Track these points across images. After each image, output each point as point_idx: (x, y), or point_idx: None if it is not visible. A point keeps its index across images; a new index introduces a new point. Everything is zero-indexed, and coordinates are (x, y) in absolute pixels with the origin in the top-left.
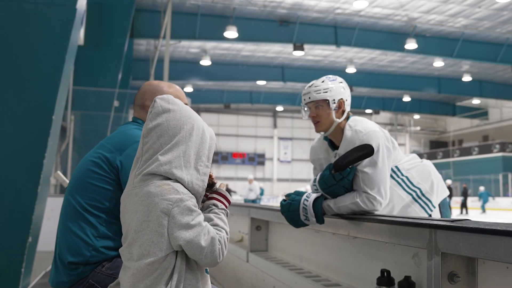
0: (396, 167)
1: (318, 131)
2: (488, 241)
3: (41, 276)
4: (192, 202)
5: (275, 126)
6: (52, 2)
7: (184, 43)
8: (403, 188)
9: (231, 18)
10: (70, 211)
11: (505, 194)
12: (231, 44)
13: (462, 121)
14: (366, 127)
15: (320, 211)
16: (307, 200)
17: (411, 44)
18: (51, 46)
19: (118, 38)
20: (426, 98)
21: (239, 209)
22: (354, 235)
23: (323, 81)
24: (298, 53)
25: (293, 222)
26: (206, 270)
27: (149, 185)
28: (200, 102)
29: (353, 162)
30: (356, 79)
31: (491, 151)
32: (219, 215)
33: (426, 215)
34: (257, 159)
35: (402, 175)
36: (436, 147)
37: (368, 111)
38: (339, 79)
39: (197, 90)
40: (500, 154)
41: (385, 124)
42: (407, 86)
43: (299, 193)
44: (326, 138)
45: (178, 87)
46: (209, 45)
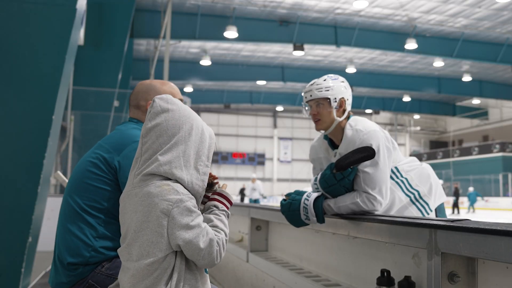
0: (396, 168)
1: (318, 129)
2: (488, 241)
3: (41, 276)
4: (192, 203)
5: (275, 126)
6: (52, 2)
7: (184, 43)
8: (402, 190)
9: (231, 18)
10: (69, 212)
11: (505, 194)
12: (231, 44)
13: (462, 121)
14: (367, 127)
15: (321, 211)
16: (308, 200)
17: (411, 44)
18: (51, 46)
19: (118, 38)
20: (426, 98)
21: (239, 209)
22: (354, 235)
23: (325, 80)
24: (298, 53)
25: (294, 222)
26: (206, 270)
27: (149, 186)
28: (200, 102)
29: (355, 163)
30: (356, 79)
31: (491, 151)
32: (219, 217)
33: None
34: (257, 159)
35: (402, 176)
36: (436, 147)
37: (368, 111)
38: (341, 79)
39: (197, 90)
40: (500, 154)
41: (385, 124)
42: (407, 86)
43: (300, 193)
44: (326, 137)
45: (172, 84)
46: (209, 45)
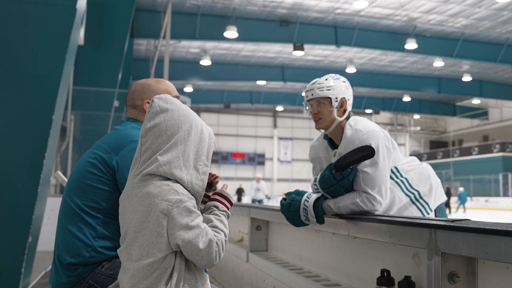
0: (396, 168)
1: (318, 128)
2: (488, 241)
3: (41, 276)
4: (192, 203)
5: (275, 126)
6: (52, 2)
7: (184, 43)
8: (402, 190)
9: (231, 18)
10: (68, 212)
11: (505, 194)
12: (231, 44)
13: (462, 121)
14: (366, 127)
15: (321, 212)
16: (308, 201)
17: (411, 44)
18: (51, 46)
19: (118, 38)
20: (426, 98)
21: (239, 209)
22: (354, 235)
23: (327, 79)
24: (298, 53)
25: (293, 222)
26: (205, 270)
27: (149, 186)
28: (200, 102)
29: (354, 163)
30: (356, 79)
31: (491, 151)
32: (219, 217)
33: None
34: (257, 159)
35: (402, 176)
36: (436, 147)
37: (368, 111)
38: (342, 79)
39: (197, 90)
40: (500, 154)
41: (385, 124)
42: (407, 86)
43: (300, 193)
44: (326, 137)
45: (167, 81)
46: (209, 45)
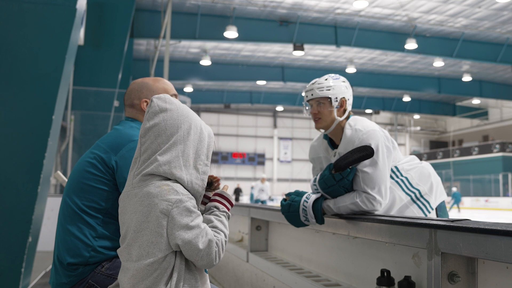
0: (396, 168)
1: (318, 128)
2: (488, 241)
3: (41, 276)
4: (192, 203)
5: (275, 126)
6: (52, 2)
7: (184, 43)
8: (402, 189)
9: (231, 18)
10: (68, 213)
11: (505, 194)
12: (231, 44)
13: (462, 121)
14: (366, 126)
15: (320, 212)
16: (307, 202)
17: (411, 44)
18: (51, 46)
19: (118, 38)
20: (426, 98)
21: (239, 209)
22: (354, 235)
23: (326, 79)
24: (298, 53)
25: (293, 222)
26: (205, 270)
27: (149, 186)
28: (200, 102)
29: (353, 163)
30: (356, 79)
31: (491, 151)
32: (220, 218)
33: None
34: (257, 159)
35: (402, 176)
36: (436, 147)
37: (368, 111)
38: (342, 78)
39: (197, 90)
40: (500, 154)
41: (385, 124)
42: (407, 86)
43: (299, 193)
44: (326, 137)
45: (165, 80)
46: (209, 45)
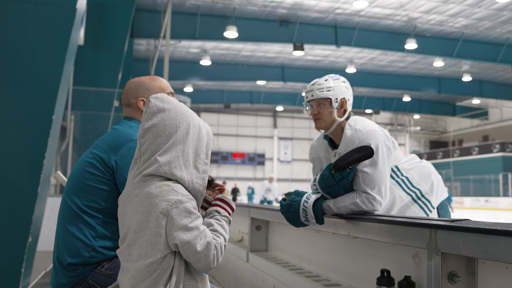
0: (396, 167)
1: (318, 128)
2: (488, 241)
3: (41, 276)
4: (192, 204)
5: (275, 126)
6: (52, 2)
7: (184, 43)
8: (403, 189)
9: (231, 18)
10: (68, 213)
11: (505, 194)
12: (231, 44)
13: (462, 121)
14: (366, 126)
15: (320, 213)
16: (307, 202)
17: (411, 44)
18: (51, 46)
19: (118, 38)
20: (426, 98)
21: (239, 209)
22: (354, 235)
23: (326, 80)
24: (298, 53)
25: (293, 222)
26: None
27: (150, 186)
28: (200, 102)
29: (353, 163)
30: (356, 79)
31: (491, 151)
32: (220, 222)
33: (425, 216)
34: (257, 159)
35: (402, 175)
36: (436, 147)
37: (368, 111)
38: (342, 79)
39: (197, 90)
40: (500, 154)
41: (385, 124)
42: (407, 86)
43: (299, 193)
44: (326, 137)
45: (161, 79)
46: (209, 45)
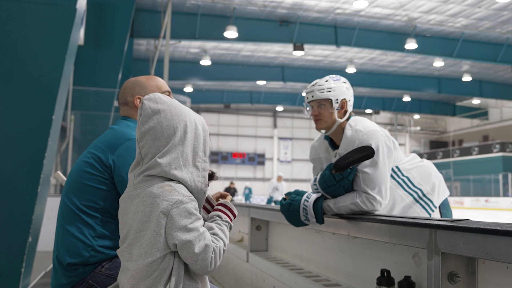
0: (397, 167)
1: (318, 129)
2: (488, 241)
3: (41, 276)
4: (193, 205)
5: (275, 126)
6: (52, 2)
7: (184, 43)
8: (404, 189)
9: (231, 18)
10: (67, 213)
11: (505, 194)
12: (231, 44)
13: (462, 121)
14: (366, 127)
15: (320, 212)
16: (308, 201)
17: (411, 44)
18: (51, 46)
19: (118, 38)
20: (426, 98)
21: (239, 209)
22: (354, 235)
23: (327, 81)
24: (298, 53)
25: (293, 222)
26: None
27: (152, 186)
28: (200, 102)
29: (354, 163)
30: (356, 79)
31: (491, 151)
32: (221, 227)
33: (427, 216)
34: (257, 159)
35: (403, 176)
36: (436, 147)
37: (368, 111)
38: (343, 79)
39: (197, 90)
40: (500, 154)
41: (385, 124)
42: (407, 86)
43: (299, 193)
44: (327, 138)
45: (158, 78)
46: (209, 45)
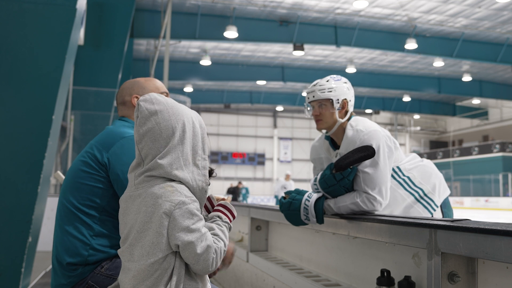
0: (398, 168)
1: (319, 129)
2: (488, 241)
3: (41, 276)
4: (195, 206)
5: (275, 126)
6: (52, 2)
7: (184, 43)
8: (405, 189)
9: (231, 18)
10: (65, 213)
11: (505, 194)
12: (231, 44)
13: (462, 121)
14: (367, 127)
15: (321, 212)
16: (309, 201)
17: (411, 44)
18: (51, 46)
19: (118, 38)
20: (426, 98)
21: (239, 209)
22: (354, 235)
23: (328, 81)
24: (298, 53)
25: (293, 221)
26: None
27: (153, 187)
28: (200, 102)
29: (354, 163)
30: (356, 79)
31: (491, 151)
32: (221, 227)
33: (429, 215)
34: (257, 159)
35: (404, 175)
36: (436, 147)
37: (368, 111)
38: (344, 80)
39: (197, 90)
40: (500, 154)
41: (385, 124)
42: (407, 86)
43: (300, 192)
44: (328, 138)
45: (156, 79)
46: (209, 45)
